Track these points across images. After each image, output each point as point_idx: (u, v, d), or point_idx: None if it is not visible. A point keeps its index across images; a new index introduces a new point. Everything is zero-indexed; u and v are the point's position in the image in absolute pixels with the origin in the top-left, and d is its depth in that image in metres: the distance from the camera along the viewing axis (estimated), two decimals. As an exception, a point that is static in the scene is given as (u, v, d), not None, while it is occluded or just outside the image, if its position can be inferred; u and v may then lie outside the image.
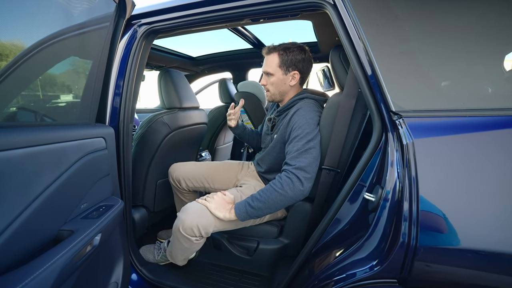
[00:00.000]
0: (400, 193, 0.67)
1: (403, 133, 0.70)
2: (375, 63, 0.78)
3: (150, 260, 1.43)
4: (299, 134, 1.03)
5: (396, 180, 0.69)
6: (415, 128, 0.69)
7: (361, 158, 0.85)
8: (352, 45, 0.84)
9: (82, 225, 0.72)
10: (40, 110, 0.81)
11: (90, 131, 0.84)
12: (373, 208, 0.72)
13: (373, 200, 0.73)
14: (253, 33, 1.97)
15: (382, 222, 0.69)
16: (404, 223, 0.64)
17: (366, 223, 0.76)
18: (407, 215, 0.64)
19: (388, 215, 0.68)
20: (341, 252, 0.79)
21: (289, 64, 1.14)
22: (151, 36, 1.24)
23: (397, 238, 0.65)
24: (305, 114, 1.07)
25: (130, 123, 1.21)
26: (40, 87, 0.84)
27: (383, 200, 0.70)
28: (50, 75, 0.86)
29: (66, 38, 0.84)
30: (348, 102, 0.96)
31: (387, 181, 0.71)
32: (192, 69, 2.65)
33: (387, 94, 0.75)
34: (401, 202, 0.66)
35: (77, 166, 0.74)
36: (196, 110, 1.64)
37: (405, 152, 0.68)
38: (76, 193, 0.76)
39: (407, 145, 0.68)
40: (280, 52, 1.14)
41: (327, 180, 1.04)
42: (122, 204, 0.93)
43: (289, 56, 1.13)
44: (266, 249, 1.21)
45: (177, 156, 1.62)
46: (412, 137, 0.68)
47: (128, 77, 1.17)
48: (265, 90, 1.23)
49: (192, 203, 1.11)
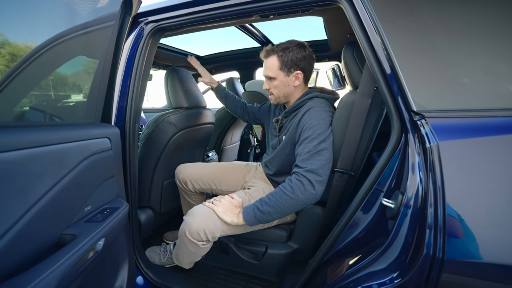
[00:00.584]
0: (423, 200, 0.62)
1: (425, 134, 0.65)
2: (394, 59, 0.72)
3: (156, 262, 1.40)
4: (310, 135, 0.98)
5: (419, 185, 0.64)
6: (440, 129, 0.63)
7: (377, 161, 0.80)
8: (369, 41, 0.79)
9: (85, 229, 0.69)
10: (45, 109, 0.79)
11: (94, 131, 0.81)
12: (393, 216, 0.67)
13: (393, 206, 0.67)
14: (261, 31, 1.93)
15: (403, 231, 0.64)
16: (428, 233, 0.58)
17: (384, 231, 0.71)
18: (432, 224, 0.59)
19: (410, 224, 0.63)
20: (356, 261, 0.74)
21: (290, 64, 1.09)
22: (158, 34, 1.22)
23: (420, 249, 0.59)
24: (316, 114, 1.02)
25: (136, 123, 1.18)
26: (46, 87, 0.82)
27: (404, 207, 0.65)
28: (55, 75, 0.84)
29: (72, 38, 0.82)
30: (363, 102, 0.90)
31: (408, 186, 0.66)
32: (200, 68, 2.62)
33: (408, 92, 0.70)
34: (425, 209, 0.61)
35: (81, 167, 0.72)
36: (204, 109, 1.61)
37: (429, 156, 0.62)
38: (80, 196, 0.73)
39: (431, 148, 0.62)
40: (279, 53, 1.08)
41: (340, 183, 0.99)
42: (127, 206, 0.91)
43: (289, 56, 1.08)
44: (275, 254, 1.17)
45: (184, 156, 1.59)
46: (437, 139, 0.62)
47: (134, 76, 1.14)
48: (269, 93, 1.18)
49: (199, 206, 1.07)
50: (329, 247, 0.88)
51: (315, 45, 2.09)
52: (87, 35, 0.86)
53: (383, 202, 0.70)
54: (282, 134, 1.17)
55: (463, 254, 0.56)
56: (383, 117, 0.98)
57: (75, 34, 0.83)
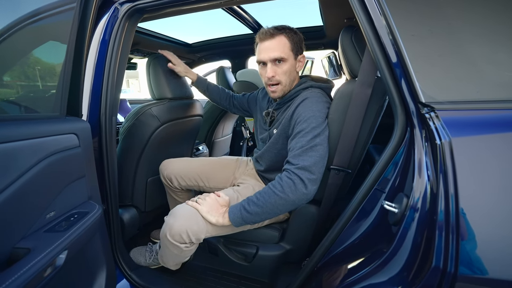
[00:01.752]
0: (431, 204, 0.54)
1: (435, 129, 0.56)
2: (401, 44, 0.63)
3: (141, 263, 1.32)
4: (304, 129, 0.89)
5: (426, 188, 0.56)
6: (453, 123, 0.55)
7: (376, 157, 0.72)
8: (372, 24, 0.69)
9: (43, 240, 0.60)
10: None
11: (55, 126, 0.70)
12: (396, 221, 0.59)
13: (396, 211, 0.59)
14: (253, 17, 1.80)
15: (408, 239, 0.56)
16: (438, 243, 0.51)
17: (386, 237, 0.63)
18: (442, 233, 0.51)
19: (416, 231, 0.55)
20: (355, 269, 0.67)
21: (298, 46, 0.99)
22: (136, 15, 1.09)
23: (428, 261, 0.52)
24: (311, 105, 0.92)
25: (113, 116, 1.07)
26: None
27: (409, 212, 0.57)
28: (7, 59, 0.72)
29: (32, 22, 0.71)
30: (363, 92, 0.81)
31: (414, 189, 0.58)
32: (188, 56, 2.48)
33: (416, 81, 0.61)
34: (434, 215, 0.53)
35: (37, 170, 0.61)
36: (190, 100, 1.50)
37: (439, 154, 0.54)
38: (37, 202, 0.63)
39: (442, 145, 0.54)
40: (287, 33, 0.97)
41: (336, 181, 0.91)
42: (100, 209, 0.81)
43: (296, 37, 0.98)
44: (266, 255, 1.10)
45: (170, 151, 1.49)
46: (449, 135, 0.54)
47: (109, 64, 1.02)
48: (271, 84, 1.01)
49: (181, 205, 0.98)
50: (325, 251, 0.80)
51: (310, 32, 1.97)
52: (48, 19, 0.75)
53: (385, 206, 0.62)
54: (273, 127, 1.07)
55: (479, 269, 0.48)
56: (384, 109, 0.89)
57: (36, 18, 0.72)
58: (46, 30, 0.80)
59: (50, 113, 0.75)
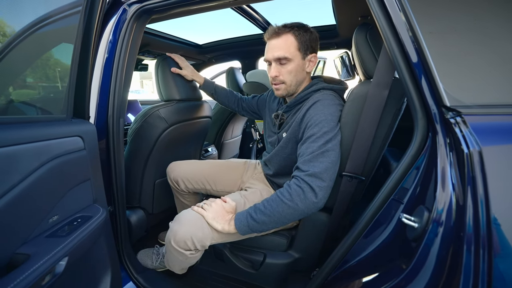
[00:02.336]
0: (458, 219, 0.49)
1: (462, 137, 0.51)
2: (422, 41, 0.57)
3: (148, 265, 1.31)
4: (315, 133, 0.84)
5: (451, 201, 0.50)
6: (483, 130, 0.49)
7: (393, 163, 0.66)
8: (389, 18, 0.63)
9: (44, 246, 0.58)
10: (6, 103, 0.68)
11: (60, 129, 0.69)
12: (416, 237, 0.54)
13: (416, 226, 0.54)
14: (263, 16, 1.76)
15: (431, 257, 0.51)
16: (466, 262, 0.45)
17: (404, 254, 0.58)
18: (471, 250, 0.45)
19: (440, 249, 0.50)
20: (370, 286, 0.61)
21: (307, 45, 0.93)
22: (144, 16, 1.08)
23: (454, 282, 0.46)
24: (323, 108, 0.87)
25: (121, 118, 1.07)
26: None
27: (432, 227, 0.52)
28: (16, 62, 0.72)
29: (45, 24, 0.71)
30: (379, 94, 0.76)
31: (437, 201, 0.52)
32: (199, 57, 2.47)
33: (439, 82, 0.55)
34: (461, 232, 0.47)
35: (39, 174, 0.60)
36: (198, 102, 1.48)
37: (467, 164, 0.48)
38: (40, 206, 0.62)
39: (470, 155, 0.48)
40: (295, 31, 0.92)
41: (349, 189, 0.85)
42: (105, 213, 0.80)
43: (307, 36, 0.92)
44: (274, 263, 1.06)
45: (178, 153, 1.48)
46: (479, 143, 0.48)
47: (117, 65, 1.02)
48: (275, 84, 0.99)
49: (186, 211, 0.96)
50: (336, 263, 0.76)
51: (322, 31, 1.91)
52: (57, 23, 0.75)
53: (403, 220, 0.56)
54: (282, 131, 1.03)
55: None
56: (402, 112, 0.83)
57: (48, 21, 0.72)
58: (55, 33, 0.80)
59: (57, 115, 0.74)
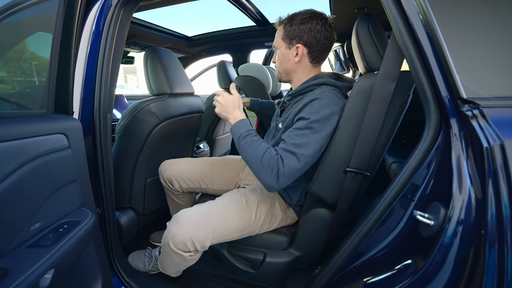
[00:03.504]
0: (478, 215, 0.47)
1: (481, 130, 0.48)
2: (437, 29, 0.54)
3: (140, 269, 1.25)
4: (300, 127, 0.84)
5: (470, 197, 0.48)
6: (505, 123, 0.47)
7: (406, 162, 0.64)
8: (399, 5, 0.60)
9: (24, 258, 0.52)
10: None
11: (40, 125, 0.61)
12: (432, 235, 0.52)
13: (432, 223, 0.52)
14: (257, 7, 1.70)
15: (450, 256, 0.48)
16: (489, 261, 0.43)
17: (418, 253, 0.56)
18: (494, 248, 0.43)
19: (460, 248, 0.48)
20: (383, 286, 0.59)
21: (292, 35, 0.92)
22: (131, 4, 0.99)
23: (476, 282, 0.44)
24: (319, 108, 0.83)
25: (108, 113, 0.99)
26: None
27: (449, 224, 0.49)
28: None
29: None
30: (386, 87, 0.73)
31: (454, 198, 0.50)
32: (188, 50, 2.38)
33: (455, 73, 0.53)
34: (482, 229, 0.45)
35: (17, 176, 0.53)
36: (190, 96, 1.41)
37: (487, 158, 0.46)
38: (18, 213, 0.55)
39: (491, 148, 0.46)
40: (285, 23, 0.95)
41: (353, 185, 0.82)
42: (94, 217, 0.73)
43: (293, 26, 0.92)
44: (274, 262, 1.03)
45: (170, 150, 1.40)
46: (501, 136, 0.45)
47: (102, 56, 0.94)
48: None
49: (185, 210, 0.91)
50: (343, 262, 0.73)
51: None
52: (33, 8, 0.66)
53: (417, 217, 0.54)
54: (280, 120, 1.00)
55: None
56: (407, 106, 0.81)
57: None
58: (32, 21, 0.71)
59: (35, 110, 0.66)
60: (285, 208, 1.07)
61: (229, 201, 0.98)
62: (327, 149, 0.87)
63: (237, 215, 0.95)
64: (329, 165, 0.88)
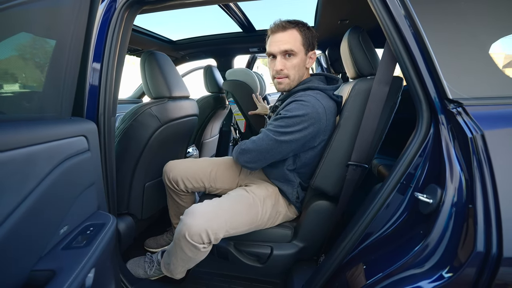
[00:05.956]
0: (468, 193, 0.58)
1: (465, 124, 0.60)
2: (425, 39, 0.66)
3: (140, 275, 1.23)
4: (272, 122, 0.95)
5: (461, 178, 0.60)
6: (483, 118, 0.59)
7: (403, 154, 0.75)
8: (391, 17, 0.71)
9: (66, 259, 0.52)
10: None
11: (66, 127, 0.61)
12: (432, 211, 0.62)
13: (431, 202, 0.63)
14: (245, 13, 1.77)
15: (447, 227, 0.59)
16: (480, 229, 0.54)
17: (418, 229, 0.66)
18: (482, 218, 0.55)
19: (455, 220, 0.59)
20: (388, 262, 0.69)
21: (309, 42, 0.98)
22: (135, 7, 1.00)
23: (469, 247, 0.56)
24: (298, 107, 0.91)
25: (112, 116, 0.98)
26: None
27: (445, 201, 0.60)
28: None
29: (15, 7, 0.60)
30: (381, 90, 0.84)
31: (447, 180, 0.61)
32: (172, 54, 2.36)
33: (442, 78, 0.65)
34: (471, 204, 0.57)
35: (53, 177, 0.53)
36: (187, 100, 1.43)
37: (472, 147, 0.58)
38: (54, 215, 0.55)
39: (474, 139, 0.58)
40: (300, 27, 0.96)
41: (354, 177, 0.93)
42: (115, 221, 0.73)
43: (309, 33, 0.98)
44: (281, 255, 1.09)
45: (166, 153, 1.40)
46: (481, 128, 0.58)
47: (107, 59, 0.93)
48: (278, 77, 1.01)
49: (199, 204, 0.95)
50: (350, 249, 0.82)
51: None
52: (34, 5, 0.64)
53: (419, 198, 0.65)
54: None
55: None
56: (397, 106, 0.94)
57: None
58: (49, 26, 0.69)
59: (55, 113, 0.65)
60: (287, 204, 1.14)
61: (238, 196, 1.03)
62: (329, 146, 0.97)
63: (245, 209, 1.00)
64: (331, 160, 0.97)
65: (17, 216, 0.45)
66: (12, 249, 0.45)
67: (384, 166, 1.50)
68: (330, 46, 2.11)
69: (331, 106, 0.97)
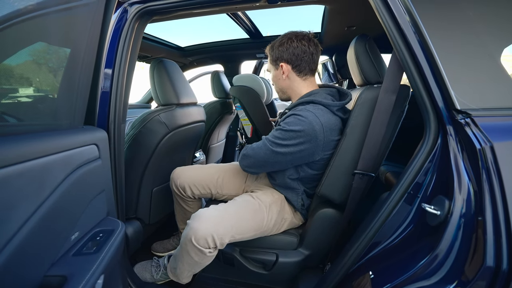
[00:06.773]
0: (477, 205, 0.57)
1: (473, 135, 0.60)
2: (432, 49, 0.66)
3: (147, 279, 1.24)
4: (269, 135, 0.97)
5: (469, 190, 0.59)
6: (493, 129, 0.59)
7: (410, 164, 0.74)
8: (398, 27, 0.71)
9: (77, 265, 0.53)
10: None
11: (79, 137, 0.63)
12: (439, 223, 0.62)
13: (438, 213, 0.62)
14: (252, 20, 1.79)
15: (455, 240, 0.59)
16: (489, 243, 0.54)
17: (425, 241, 0.66)
18: (492, 232, 0.54)
19: (464, 232, 0.58)
20: (395, 274, 0.68)
21: (276, 57, 1.05)
22: (145, 17, 1.03)
23: (478, 261, 0.54)
24: (294, 121, 0.92)
25: (122, 123, 1.00)
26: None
27: (454, 213, 0.60)
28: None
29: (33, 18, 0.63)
30: (388, 98, 0.84)
31: (455, 191, 0.61)
32: (180, 60, 2.41)
33: (450, 88, 0.64)
34: (480, 216, 0.56)
35: (66, 185, 0.55)
36: (195, 106, 1.45)
37: (481, 158, 0.57)
38: (66, 222, 0.57)
39: (483, 150, 0.57)
40: (269, 49, 1.09)
41: (360, 186, 0.92)
42: (124, 227, 0.74)
43: (274, 50, 1.05)
44: (286, 262, 1.09)
45: (174, 159, 1.42)
46: (490, 140, 0.57)
47: (118, 67, 0.96)
48: None
49: (206, 209, 0.97)
50: (357, 258, 0.81)
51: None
52: (50, 16, 0.67)
53: (426, 209, 0.64)
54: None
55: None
56: (404, 115, 0.93)
57: (38, 13, 0.64)
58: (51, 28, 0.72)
59: (68, 122, 0.67)
60: (293, 211, 1.14)
61: (244, 202, 1.04)
62: (335, 154, 0.97)
63: (251, 215, 1.01)
64: (337, 168, 0.97)
65: (32, 223, 0.47)
66: (28, 254, 0.46)
67: (392, 173, 1.49)
68: (337, 52, 2.11)
69: (332, 122, 0.94)
